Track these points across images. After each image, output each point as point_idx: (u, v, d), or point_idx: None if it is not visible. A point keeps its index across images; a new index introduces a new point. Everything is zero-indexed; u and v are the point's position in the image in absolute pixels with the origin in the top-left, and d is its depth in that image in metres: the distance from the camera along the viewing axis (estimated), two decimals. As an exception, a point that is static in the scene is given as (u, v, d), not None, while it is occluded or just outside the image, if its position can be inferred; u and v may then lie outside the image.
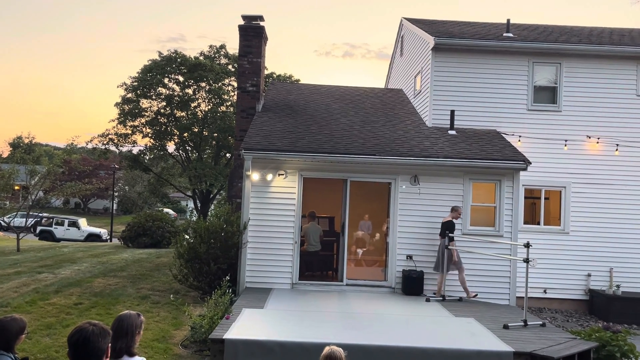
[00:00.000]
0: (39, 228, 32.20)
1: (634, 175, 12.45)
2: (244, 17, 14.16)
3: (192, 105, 31.49)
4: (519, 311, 9.64)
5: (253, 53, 13.99)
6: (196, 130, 31.31)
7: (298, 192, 10.95)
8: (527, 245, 8.47)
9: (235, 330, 7.24)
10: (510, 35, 13.20)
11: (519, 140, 12.29)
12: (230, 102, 31.08)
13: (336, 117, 13.27)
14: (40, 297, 10.01)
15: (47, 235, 31.82)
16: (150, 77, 30.68)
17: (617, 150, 12.41)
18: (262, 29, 14.13)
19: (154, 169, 35.54)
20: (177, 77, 31.45)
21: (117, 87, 31.91)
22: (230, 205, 12.45)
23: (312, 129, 12.16)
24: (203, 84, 31.21)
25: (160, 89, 31.23)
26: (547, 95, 12.80)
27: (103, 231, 34.52)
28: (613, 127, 12.52)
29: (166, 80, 31.36)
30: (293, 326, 7.91)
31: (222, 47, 32.91)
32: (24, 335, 3.92)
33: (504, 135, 12.32)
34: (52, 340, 7.65)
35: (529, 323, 8.48)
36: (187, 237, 11.41)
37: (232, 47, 45.92)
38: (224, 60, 32.63)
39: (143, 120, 31.46)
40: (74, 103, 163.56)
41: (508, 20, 13.71)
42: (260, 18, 14.19)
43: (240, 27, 14.09)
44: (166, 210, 44.28)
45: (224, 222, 10.82)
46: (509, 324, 8.31)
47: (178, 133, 31.33)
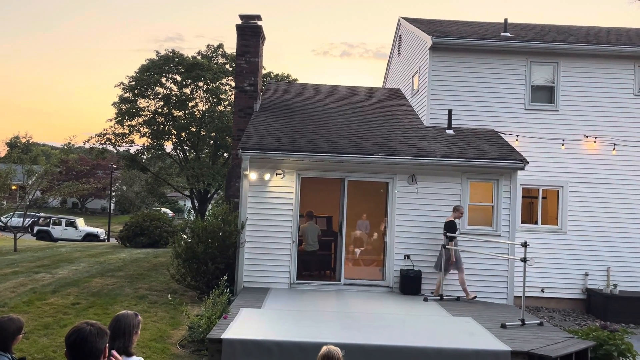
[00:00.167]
0: (36, 228, 32.16)
1: (631, 175, 12.48)
2: (242, 17, 14.15)
3: (190, 104, 31.45)
4: (516, 310, 9.66)
5: (251, 52, 13.98)
6: (194, 129, 31.27)
7: (296, 191, 10.95)
8: (525, 245, 8.49)
9: (233, 330, 7.24)
10: (508, 34, 13.21)
11: (517, 140, 12.31)
12: (227, 102, 31.05)
13: (334, 116, 13.27)
14: (38, 297, 9.99)
15: (44, 235, 31.77)
16: (147, 77, 30.62)
17: (614, 149, 12.43)
18: (260, 28, 14.12)
19: (152, 169, 35.47)
20: (174, 76, 31.40)
21: (115, 86, 31.84)
22: (228, 204, 12.44)
23: (309, 128, 12.15)
24: (201, 84, 31.16)
25: (157, 88, 31.18)
26: (544, 94, 12.82)
27: (100, 231, 34.47)
28: (610, 127, 12.55)
29: (164, 80, 31.30)
30: (291, 326, 7.91)
31: (220, 46, 32.87)
32: (21, 335, 3.91)
33: (501, 134, 12.34)
34: (49, 340, 7.63)
35: (526, 322, 8.49)
36: (184, 236, 11.40)
37: (229, 47, 45.92)
38: (221, 60, 32.57)
39: (140, 119, 31.40)
40: (71, 102, 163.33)
41: (505, 20, 13.73)
42: (258, 17, 14.18)
43: (237, 26, 14.08)
44: (164, 210, 44.25)
45: (222, 221, 10.81)
46: (507, 323, 8.32)
47: (176, 132, 31.28)
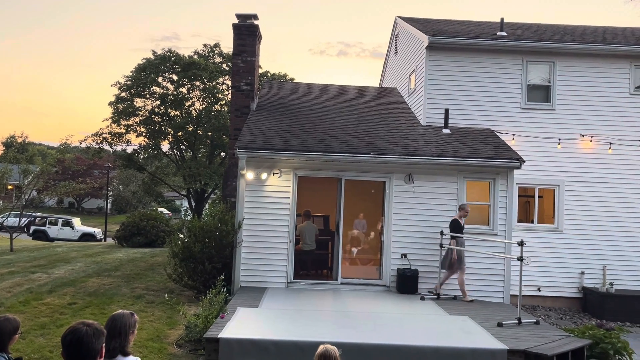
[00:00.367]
0: (33, 228, 32.07)
1: (627, 174, 12.52)
2: (238, 16, 14.13)
3: (187, 104, 31.38)
4: (513, 309, 9.69)
5: (247, 52, 13.97)
6: (190, 129, 31.22)
7: (293, 191, 10.94)
8: (521, 244, 8.51)
9: (230, 330, 7.24)
10: (504, 34, 13.24)
11: (513, 139, 12.33)
12: (224, 101, 31.00)
13: (330, 116, 13.27)
14: (34, 297, 9.96)
15: (40, 235, 31.68)
16: (144, 76, 30.55)
17: (610, 148, 12.47)
18: (256, 27, 14.11)
19: (148, 168, 35.40)
20: (171, 76, 31.33)
21: (111, 86, 31.66)
22: (225, 204, 12.43)
23: (306, 128, 12.15)
24: (197, 83, 31.11)
25: (154, 88, 31.09)
26: (540, 93, 12.85)
27: (97, 231, 34.40)
28: (606, 126, 12.58)
29: (160, 79, 31.23)
30: (288, 325, 7.91)
31: (217, 45, 32.81)
32: (18, 335, 3.91)
33: (498, 133, 12.36)
34: (46, 340, 7.62)
35: (523, 321, 8.51)
36: (181, 236, 11.39)
37: (226, 46, 45.88)
38: (218, 59, 32.51)
39: (137, 119, 31.31)
40: (68, 102, 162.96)
41: (502, 19, 13.75)
42: (255, 17, 14.17)
43: (234, 25, 14.07)
44: (160, 209, 44.13)
45: (219, 221, 10.80)
46: (503, 322, 8.34)
47: (172, 132, 31.21)
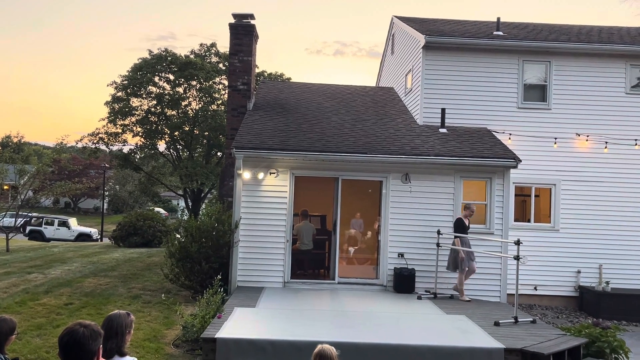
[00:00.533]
0: (29, 228, 31.97)
1: (622, 173, 12.56)
2: (235, 16, 14.12)
3: (183, 103, 31.33)
4: (509, 308, 9.71)
5: (244, 51, 13.95)
6: (187, 129, 31.16)
7: (289, 190, 10.94)
8: (518, 243, 8.53)
9: (227, 329, 7.24)
10: (501, 33, 13.26)
11: (510, 138, 12.36)
12: (221, 101, 30.96)
13: (327, 115, 13.27)
14: (30, 297, 9.93)
15: (36, 235, 31.58)
16: (140, 76, 30.48)
17: (606, 147, 12.51)
18: (253, 27, 14.09)
19: (145, 168, 35.32)
20: (167, 75, 31.27)
21: (107, 85, 31.62)
22: (222, 204, 12.42)
23: (303, 127, 12.15)
24: (194, 83, 31.05)
25: (150, 87, 31.03)
26: (537, 93, 12.88)
27: (93, 231, 34.31)
28: (602, 125, 12.62)
29: (156, 79, 31.17)
30: (285, 325, 7.91)
31: (213, 45, 32.76)
32: (14, 335, 3.90)
33: (494, 133, 12.39)
34: (42, 340, 7.59)
35: (519, 320, 8.53)
36: (178, 236, 11.37)
37: (222, 46, 45.79)
38: (214, 59, 32.47)
39: (133, 119, 31.25)
40: (64, 102, 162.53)
41: (498, 19, 13.77)
42: (251, 16, 14.15)
43: (230, 25, 14.05)
44: (157, 209, 44.09)
45: (216, 221, 10.78)
46: (500, 321, 8.36)
47: (169, 132, 31.16)
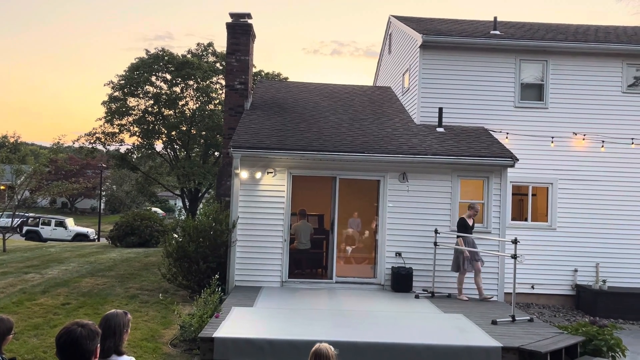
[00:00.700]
0: (25, 228, 31.87)
1: (619, 172, 12.59)
2: (232, 15, 14.10)
3: (180, 103, 31.31)
4: (507, 307, 9.72)
5: (241, 51, 13.94)
6: (184, 128, 31.14)
7: (287, 190, 10.94)
8: (515, 242, 8.54)
9: (225, 329, 7.23)
10: (498, 33, 13.27)
11: (507, 137, 12.37)
12: (218, 100, 30.93)
13: (325, 115, 13.26)
14: (27, 297, 9.91)
15: (33, 236, 31.48)
16: (137, 76, 30.44)
17: (602, 146, 12.54)
18: (250, 26, 14.08)
19: (142, 168, 35.30)
20: (164, 75, 31.24)
21: (104, 85, 31.63)
22: (219, 203, 12.41)
23: (300, 126, 12.15)
24: (191, 82, 31.03)
25: (147, 87, 31.00)
26: (534, 92, 12.90)
27: (91, 231, 34.23)
28: (599, 124, 12.64)
29: (153, 79, 31.13)
30: (283, 324, 7.91)
31: (210, 44, 32.74)
32: (11, 335, 3.89)
33: (491, 132, 12.40)
34: (39, 340, 7.58)
35: (517, 318, 8.55)
36: (175, 236, 11.36)
37: (220, 45, 45.78)
38: (211, 58, 32.44)
39: (130, 118, 31.21)
40: (60, 102, 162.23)
41: (495, 18, 13.79)
42: (248, 16, 14.14)
43: (228, 24, 14.04)
44: (154, 209, 44.04)
45: (213, 220, 10.78)
46: (497, 320, 8.38)
47: (166, 131, 31.12)
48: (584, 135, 12.60)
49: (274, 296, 9.83)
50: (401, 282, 10.70)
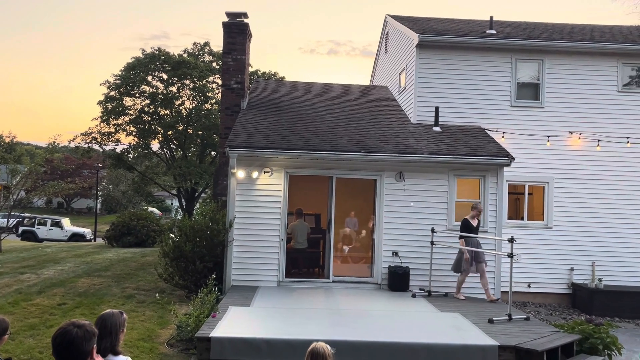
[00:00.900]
0: (21, 228, 31.76)
1: (615, 170, 12.63)
2: (228, 14, 14.08)
3: (176, 103, 31.24)
4: (503, 305, 9.74)
5: (237, 50, 13.92)
6: (180, 128, 31.08)
7: (284, 189, 10.93)
8: (511, 240, 8.56)
9: (222, 329, 7.23)
10: (494, 32, 13.30)
11: (503, 137, 12.40)
12: (214, 100, 30.89)
13: (321, 114, 13.26)
14: (23, 297, 9.88)
15: (29, 236, 31.37)
16: (133, 75, 30.37)
17: (598, 145, 12.57)
18: (246, 26, 14.06)
19: (138, 168, 35.21)
20: (160, 74, 31.16)
21: (100, 85, 31.54)
22: (216, 203, 12.41)
23: (297, 126, 12.14)
24: (187, 82, 30.97)
25: (143, 86, 30.92)
26: (530, 91, 12.93)
27: (87, 231, 34.13)
28: (594, 123, 12.68)
29: (150, 78, 31.06)
30: (280, 323, 7.91)
31: (206, 44, 32.69)
32: (7, 335, 3.88)
33: (488, 131, 12.42)
34: (35, 341, 7.56)
35: (513, 317, 8.57)
36: (172, 235, 11.34)
37: (216, 45, 45.72)
38: (208, 58, 32.39)
39: (126, 118, 31.13)
40: (56, 101, 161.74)
41: (491, 18, 13.81)
42: (245, 15, 14.12)
43: (224, 24, 14.01)
44: (151, 209, 43.93)
45: (210, 220, 10.77)
46: (494, 318, 8.39)
47: (162, 131, 31.06)
48: (580, 134, 12.64)
49: (271, 296, 9.83)
50: (398, 281, 10.71)
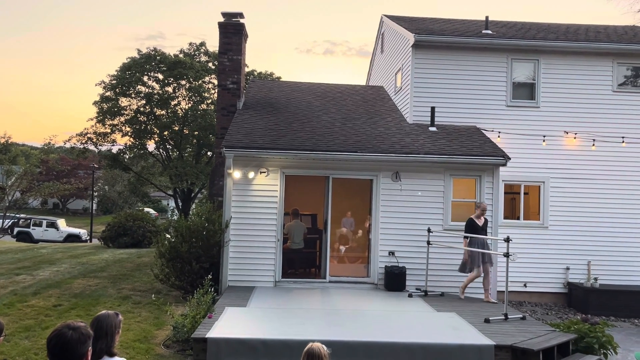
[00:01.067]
0: (17, 229, 31.65)
1: (610, 170, 12.68)
2: (224, 14, 14.07)
3: (172, 103, 31.21)
4: (500, 305, 9.76)
5: (233, 50, 13.91)
6: (176, 128, 31.04)
7: (280, 189, 10.93)
8: (507, 240, 8.58)
9: (218, 329, 7.21)
10: (489, 32, 13.32)
11: (499, 136, 12.42)
12: (210, 100, 30.86)
13: (317, 114, 13.26)
14: (19, 299, 9.83)
15: (24, 237, 31.26)
16: (129, 75, 30.32)
17: (593, 145, 12.62)
18: (242, 26, 14.05)
19: (134, 168, 35.15)
20: (156, 75, 31.13)
21: (96, 85, 31.44)
22: (212, 203, 12.38)
23: (293, 126, 12.13)
24: (183, 82, 30.94)
25: (139, 87, 30.88)
26: (525, 91, 12.96)
27: (83, 231, 34.04)
28: (590, 123, 12.72)
29: (145, 79, 31.02)
30: (276, 324, 7.90)
31: (202, 44, 32.68)
32: (2, 337, 3.85)
33: (484, 131, 12.45)
34: (31, 342, 7.52)
35: (509, 317, 8.59)
36: (168, 236, 11.31)
37: (212, 45, 45.65)
38: (204, 58, 32.37)
39: (122, 118, 31.08)
40: (52, 102, 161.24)
41: (487, 18, 13.84)
42: (240, 15, 14.11)
43: (220, 24, 14.00)
44: (147, 209, 43.89)
45: (206, 220, 10.74)
46: (490, 318, 8.41)
47: (158, 131, 31.01)
48: (575, 134, 12.67)
49: (267, 296, 9.82)
50: (394, 281, 10.71)
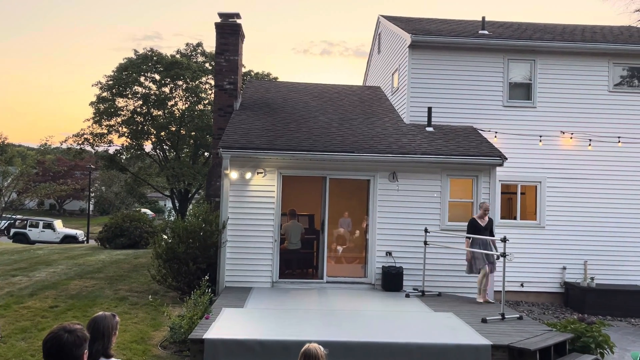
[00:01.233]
0: (13, 230, 31.58)
1: (606, 170, 12.71)
2: (221, 15, 14.05)
3: (169, 103, 31.13)
4: (496, 305, 9.78)
5: (230, 51, 13.89)
6: (173, 129, 30.97)
7: (277, 190, 10.92)
8: (504, 240, 8.59)
9: (215, 330, 7.21)
10: (486, 32, 13.34)
11: (495, 137, 12.44)
12: (207, 101, 30.81)
13: (314, 114, 13.26)
14: (15, 300, 9.81)
15: (21, 238, 31.17)
16: (126, 76, 30.23)
17: (590, 145, 12.65)
18: (239, 26, 14.04)
19: (131, 169, 35.05)
20: (153, 75, 31.04)
21: (92, 85, 31.33)
22: (209, 204, 12.37)
23: (290, 126, 12.13)
24: (180, 82, 30.87)
25: (136, 87, 30.78)
26: (522, 91, 12.98)
27: (79, 232, 33.96)
28: (586, 123, 12.75)
29: (142, 79, 30.92)
30: (273, 325, 7.89)
31: (199, 45, 32.62)
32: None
33: (480, 131, 12.47)
34: (27, 344, 7.50)
35: (506, 316, 8.61)
36: (165, 237, 11.29)
37: (209, 45, 45.62)
38: (201, 58, 32.31)
39: (119, 119, 30.98)
40: (48, 102, 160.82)
41: (483, 18, 13.86)
42: (237, 15, 14.09)
43: (216, 24, 13.98)
44: (144, 210, 43.75)
45: (203, 221, 10.73)
46: (487, 318, 8.42)
47: (155, 132, 30.93)
48: (572, 134, 12.70)
49: (265, 297, 9.81)
50: (392, 281, 10.72)
